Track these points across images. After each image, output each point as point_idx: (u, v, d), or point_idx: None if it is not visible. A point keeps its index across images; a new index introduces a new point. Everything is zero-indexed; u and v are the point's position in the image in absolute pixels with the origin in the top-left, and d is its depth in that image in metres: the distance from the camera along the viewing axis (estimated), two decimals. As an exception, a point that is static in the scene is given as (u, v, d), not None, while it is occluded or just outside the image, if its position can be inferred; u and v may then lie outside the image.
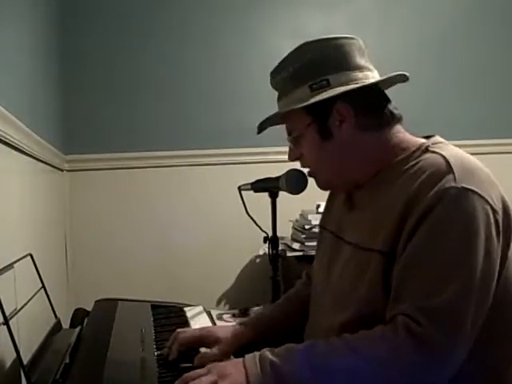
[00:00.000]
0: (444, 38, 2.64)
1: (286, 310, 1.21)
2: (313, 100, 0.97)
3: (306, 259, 2.08)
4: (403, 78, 1.04)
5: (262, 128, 1.10)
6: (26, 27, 1.63)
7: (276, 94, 1.09)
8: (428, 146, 0.96)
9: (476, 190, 0.85)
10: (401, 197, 0.89)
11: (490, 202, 0.85)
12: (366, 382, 0.82)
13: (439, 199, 0.84)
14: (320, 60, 0.99)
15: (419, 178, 0.89)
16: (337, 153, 1.00)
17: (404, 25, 2.64)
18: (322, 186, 1.09)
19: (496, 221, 0.86)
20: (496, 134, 2.65)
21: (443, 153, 0.92)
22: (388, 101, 1.02)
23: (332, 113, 0.98)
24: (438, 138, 0.99)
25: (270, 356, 0.85)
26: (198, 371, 0.86)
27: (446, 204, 0.84)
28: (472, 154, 0.96)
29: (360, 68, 1.00)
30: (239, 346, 1.08)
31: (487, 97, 2.68)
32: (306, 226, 2.14)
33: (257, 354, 0.87)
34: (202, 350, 1.07)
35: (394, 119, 1.01)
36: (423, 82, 2.53)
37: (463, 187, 0.85)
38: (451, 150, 0.94)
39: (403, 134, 1.01)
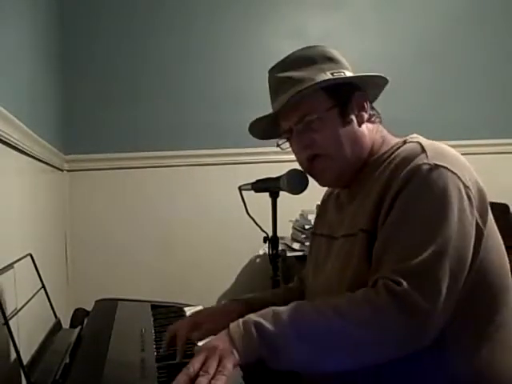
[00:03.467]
0: (444, 38, 2.64)
1: (277, 296, 1.23)
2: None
3: (306, 259, 2.08)
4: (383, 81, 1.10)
5: (255, 130, 1.16)
6: (26, 27, 1.63)
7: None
8: (406, 139, 1.03)
9: (447, 166, 0.90)
10: (379, 181, 0.96)
11: (462, 178, 0.91)
12: (352, 343, 0.84)
13: (413, 174, 0.90)
14: (335, 57, 1.07)
15: (395, 161, 0.96)
16: (352, 138, 1.05)
17: (404, 25, 2.64)
18: (328, 175, 1.08)
19: (468, 196, 0.90)
20: (496, 133, 2.66)
21: (418, 140, 0.99)
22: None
23: (352, 100, 1.04)
24: (414, 135, 1.05)
25: (254, 317, 0.86)
26: (193, 358, 0.86)
27: (419, 179, 0.90)
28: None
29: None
30: (229, 321, 1.08)
31: (487, 97, 2.69)
32: (306, 226, 2.14)
33: (240, 319, 0.88)
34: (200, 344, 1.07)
35: (379, 117, 1.10)
36: (423, 82, 2.53)
37: (435, 164, 0.90)
38: (427, 139, 1.00)
39: (386, 132, 1.10)
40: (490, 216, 0.96)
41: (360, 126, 1.05)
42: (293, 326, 0.84)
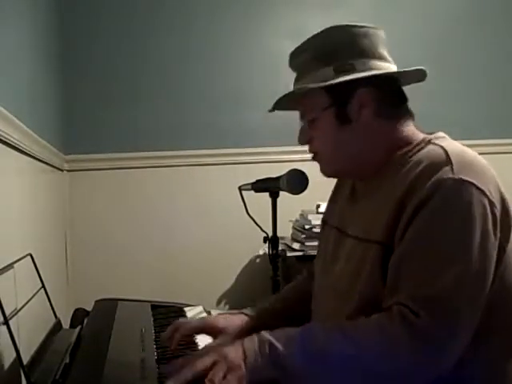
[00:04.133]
0: (444, 38, 2.64)
1: (287, 300, 1.21)
2: (338, 80, 0.96)
3: (306, 259, 2.08)
4: (420, 77, 1.04)
5: (275, 107, 1.08)
6: (26, 27, 1.63)
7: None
8: (430, 139, 0.96)
9: (474, 181, 0.85)
10: (399, 187, 0.89)
11: (488, 194, 0.85)
12: (361, 370, 0.82)
13: (436, 189, 0.84)
14: (347, 44, 0.99)
15: (417, 168, 0.89)
16: (352, 138, 0.99)
17: (404, 25, 2.63)
18: (327, 171, 1.07)
19: (493, 213, 0.85)
20: (496, 133, 2.66)
21: (443, 145, 0.92)
22: (405, 96, 1.03)
23: (353, 97, 0.97)
24: (441, 133, 1.00)
25: (269, 337, 0.85)
26: (197, 353, 0.87)
27: (443, 195, 0.84)
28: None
29: (383, 58, 1.00)
30: (241, 336, 1.08)
31: (487, 97, 2.68)
32: (306, 226, 2.14)
33: (255, 335, 0.87)
34: (198, 340, 1.08)
35: (408, 114, 1.02)
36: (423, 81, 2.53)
37: (461, 178, 0.84)
38: (452, 142, 0.95)
39: (412, 128, 1.02)
40: None
41: (362, 124, 0.98)
42: (303, 349, 0.83)
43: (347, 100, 0.98)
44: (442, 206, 0.84)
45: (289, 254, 2.14)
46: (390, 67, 1.00)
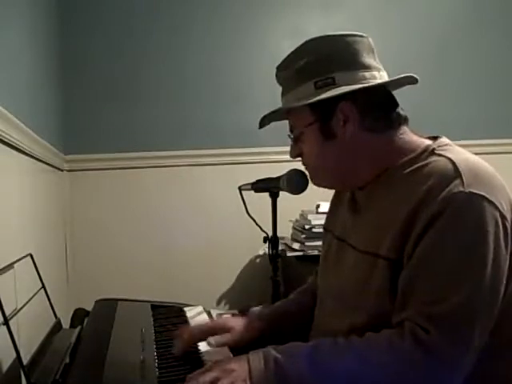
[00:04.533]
0: (444, 38, 2.64)
1: (300, 303, 1.21)
2: (316, 98, 0.94)
3: (306, 259, 2.08)
4: (411, 80, 1.02)
5: (263, 123, 1.08)
6: (26, 27, 1.63)
7: (279, 90, 1.07)
8: (434, 148, 0.94)
9: (484, 195, 0.83)
10: (407, 201, 0.87)
11: (499, 207, 0.84)
12: None
13: (447, 204, 0.83)
14: (327, 57, 0.97)
15: (426, 183, 0.87)
16: (339, 153, 0.99)
17: (404, 25, 2.64)
18: (317, 183, 1.07)
19: (504, 226, 0.84)
20: (496, 134, 2.66)
21: (451, 156, 0.90)
22: (395, 102, 1.01)
23: (336, 112, 0.96)
24: (444, 140, 0.98)
25: (274, 353, 0.84)
26: (202, 369, 0.86)
27: (455, 209, 0.83)
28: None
29: (367, 67, 0.98)
30: (251, 338, 1.07)
31: (487, 97, 2.68)
32: (306, 226, 2.14)
33: (261, 350, 0.87)
34: (201, 346, 1.07)
35: (400, 121, 0.99)
36: (423, 81, 2.52)
37: (471, 192, 0.83)
38: (458, 153, 0.93)
39: (408, 135, 0.99)
40: None
41: (347, 139, 0.97)
42: (311, 365, 0.82)
43: (330, 115, 0.97)
44: (453, 222, 0.83)
45: (289, 254, 2.14)
46: (376, 76, 0.98)
